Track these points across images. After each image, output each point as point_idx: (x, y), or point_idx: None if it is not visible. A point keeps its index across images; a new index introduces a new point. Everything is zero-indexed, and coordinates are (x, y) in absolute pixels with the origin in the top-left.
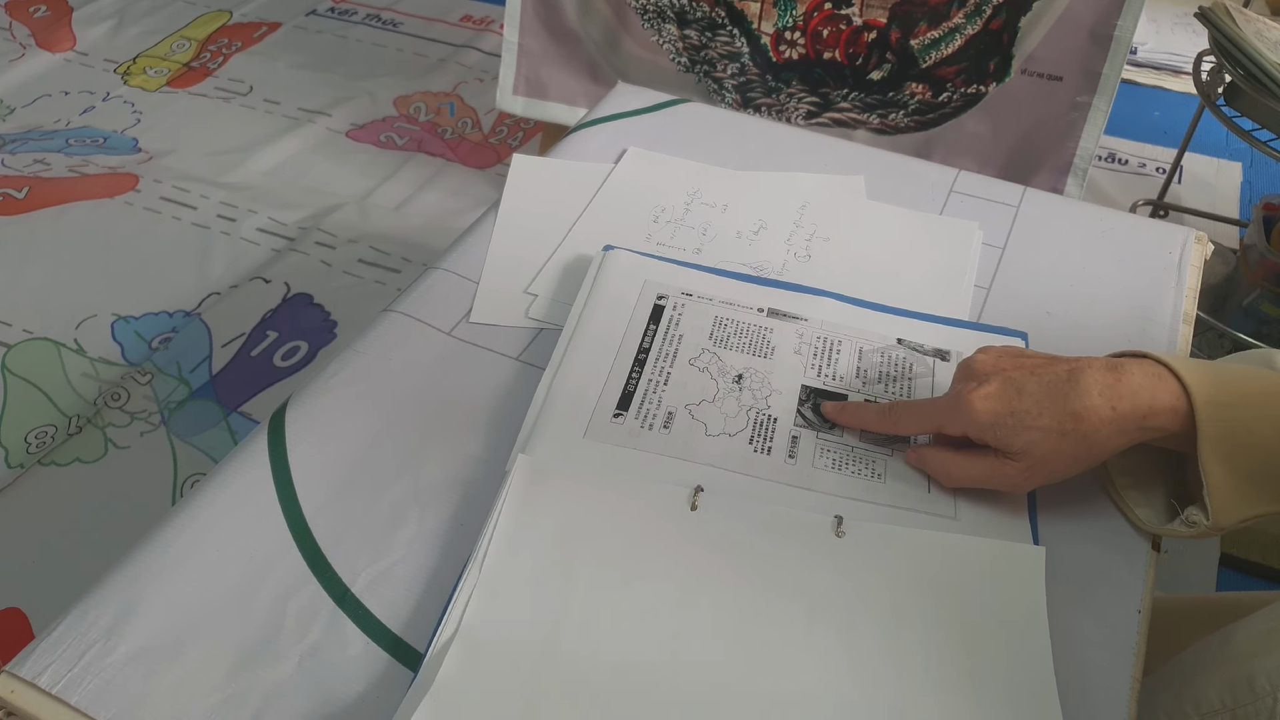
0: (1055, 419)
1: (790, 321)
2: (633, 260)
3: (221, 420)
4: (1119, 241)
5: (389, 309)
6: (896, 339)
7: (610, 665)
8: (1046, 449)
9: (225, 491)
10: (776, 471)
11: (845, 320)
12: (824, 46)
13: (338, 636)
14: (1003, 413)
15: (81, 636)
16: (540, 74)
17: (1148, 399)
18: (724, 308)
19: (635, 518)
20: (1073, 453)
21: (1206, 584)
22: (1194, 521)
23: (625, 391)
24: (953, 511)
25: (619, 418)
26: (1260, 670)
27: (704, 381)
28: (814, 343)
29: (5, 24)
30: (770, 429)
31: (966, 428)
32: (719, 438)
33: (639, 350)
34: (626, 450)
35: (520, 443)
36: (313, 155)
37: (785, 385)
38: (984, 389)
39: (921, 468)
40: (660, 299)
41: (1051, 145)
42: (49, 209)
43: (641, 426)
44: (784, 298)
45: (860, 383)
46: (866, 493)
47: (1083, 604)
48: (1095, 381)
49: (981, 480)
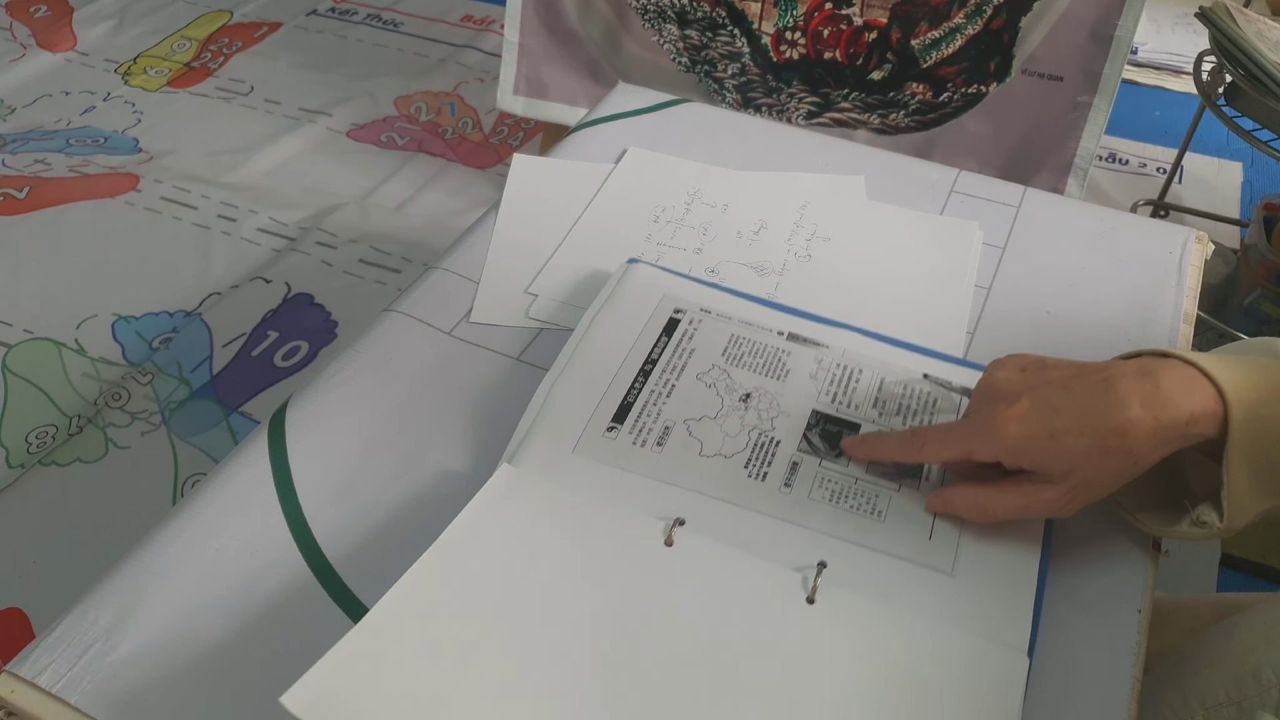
0: (1097, 436)
1: (810, 347)
2: (654, 275)
3: (222, 420)
4: (1119, 241)
5: (389, 309)
6: (923, 374)
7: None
8: (1089, 470)
9: (225, 491)
10: (768, 501)
11: (868, 351)
12: (825, 46)
13: (338, 636)
14: (1040, 435)
15: (81, 636)
16: (541, 74)
17: (1188, 406)
18: (742, 326)
19: (602, 542)
20: (1116, 469)
21: (1207, 584)
22: (1205, 522)
23: (624, 403)
24: (950, 565)
25: (613, 431)
26: (1265, 662)
27: (709, 397)
28: (833, 369)
29: (6, 24)
30: (770, 452)
31: (1000, 453)
32: (714, 458)
33: (646, 360)
34: (614, 470)
35: (509, 452)
36: (313, 155)
37: (795, 408)
38: (1015, 409)
39: (948, 511)
40: (677, 312)
41: (1052, 145)
42: (50, 209)
43: (634, 442)
44: (807, 326)
45: (877, 413)
46: (861, 533)
47: (1083, 604)
48: (1133, 391)
49: (1019, 511)
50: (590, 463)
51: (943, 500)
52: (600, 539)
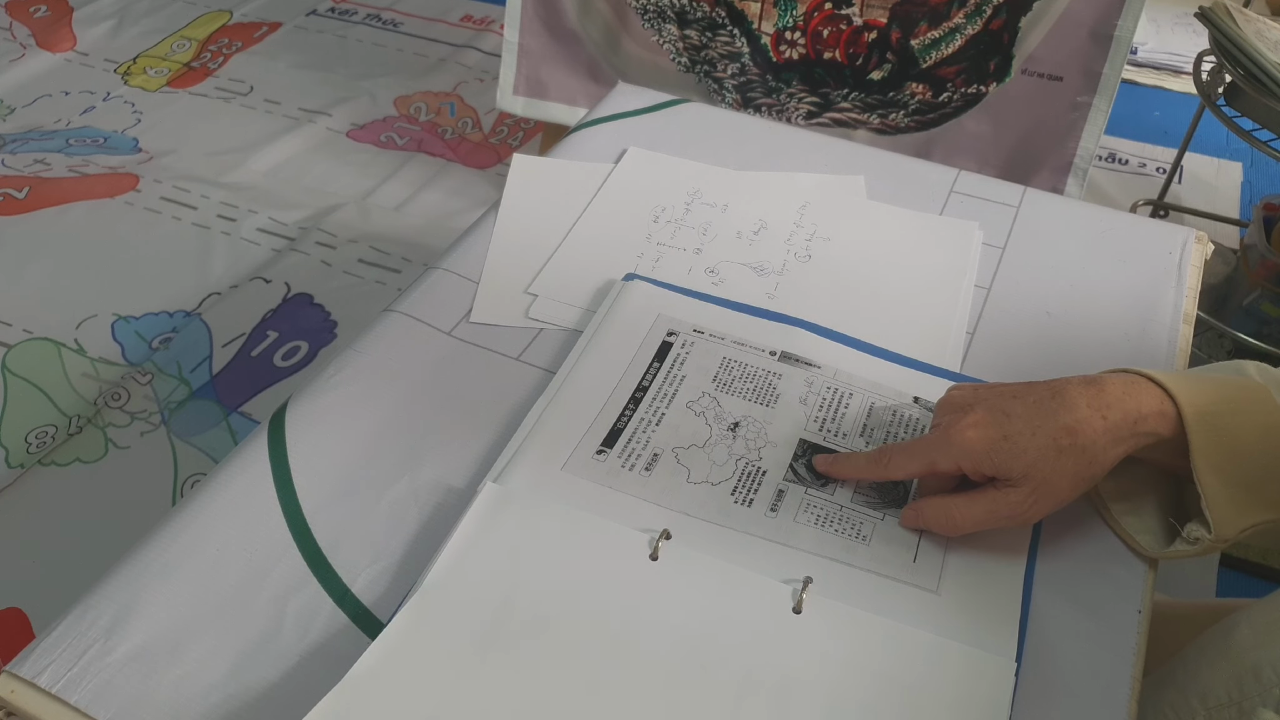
0: (1050, 435)
1: (802, 368)
2: (650, 293)
3: (222, 420)
4: (1119, 241)
5: (389, 309)
6: (913, 397)
7: (529, 705)
8: (1046, 469)
9: (225, 491)
10: (754, 524)
11: (860, 371)
12: (824, 46)
13: (338, 636)
14: (995, 438)
15: (81, 636)
16: (540, 74)
17: (1134, 404)
18: (734, 349)
19: (591, 560)
20: (1074, 469)
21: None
22: (1196, 538)
23: (614, 429)
24: (935, 584)
25: (602, 454)
26: (1265, 661)
27: (698, 426)
28: (823, 392)
29: (5, 24)
30: (757, 481)
31: (961, 460)
32: (701, 485)
33: (637, 388)
34: (601, 488)
35: (497, 468)
36: (313, 155)
37: (782, 437)
38: (970, 417)
39: (921, 525)
40: (670, 335)
41: (1052, 145)
42: (49, 209)
43: (622, 466)
44: (801, 339)
45: (864, 441)
46: (846, 553)
47: (1083, 604)
48: (1079, 394)
49: (986, 517)
50: (578, 480)
51: (915, 513)
52: (587, 554)
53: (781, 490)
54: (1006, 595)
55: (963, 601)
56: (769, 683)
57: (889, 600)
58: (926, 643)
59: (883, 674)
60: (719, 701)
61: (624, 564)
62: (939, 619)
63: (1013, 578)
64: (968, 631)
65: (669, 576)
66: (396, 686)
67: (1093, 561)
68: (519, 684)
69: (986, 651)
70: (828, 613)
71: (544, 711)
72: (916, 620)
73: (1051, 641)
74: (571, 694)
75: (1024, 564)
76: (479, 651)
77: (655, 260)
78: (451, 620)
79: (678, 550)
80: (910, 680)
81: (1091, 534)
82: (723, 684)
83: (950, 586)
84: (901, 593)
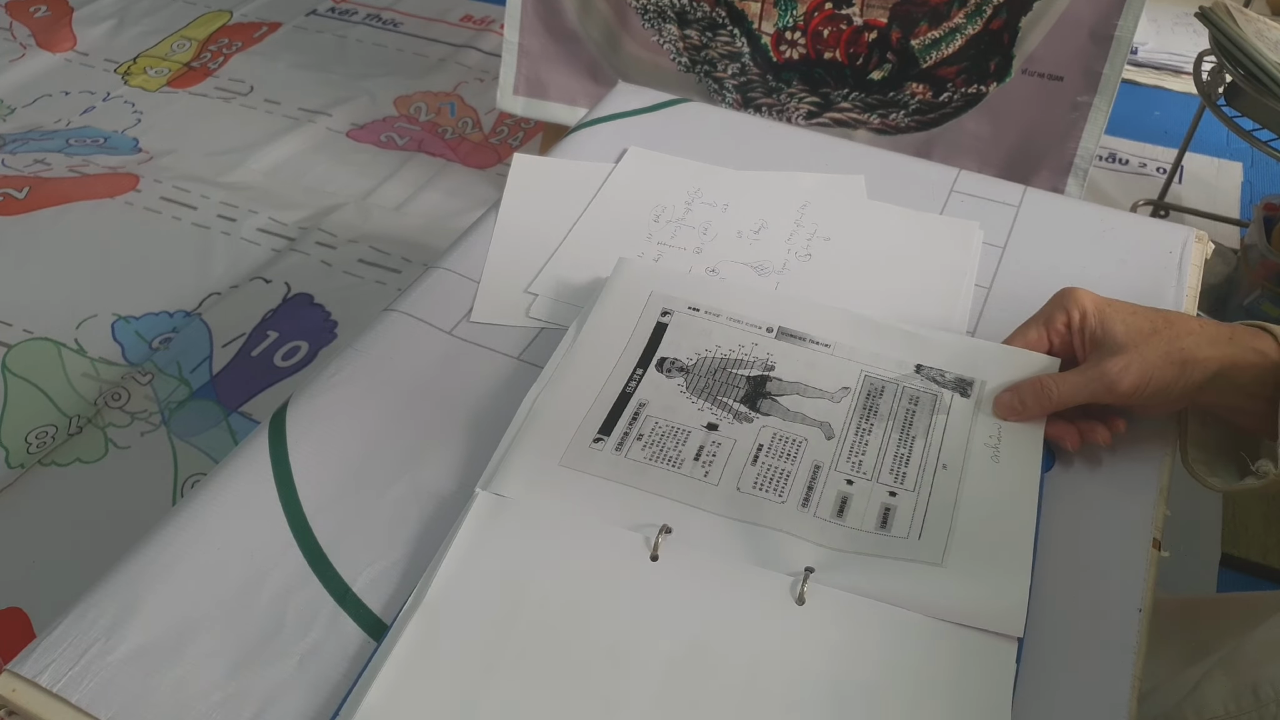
0: (1149, 317)
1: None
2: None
3: (222, 420)
4: (1119, 241)
5: (389, 309)
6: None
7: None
8: (1143, 346)
9: (226, 491)
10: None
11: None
12: (824, 46)
13: (339, 636)
14: (1100, 301)
15: (82, 636)
16: (540, 74)
17: (1228, 325)
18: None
19: (592, 568)
20: (1165, 351)
21: (1207, 584)
22: (1265, 472)
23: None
24: (940, 557)
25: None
26: (1265, 678)
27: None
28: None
29: (5, 24)
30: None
31: (1072, 307)
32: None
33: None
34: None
35: (494, 463)
36: (313, 155)
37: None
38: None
39: (1017, 404)
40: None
41: (1052, 145)
42: (49, 209)
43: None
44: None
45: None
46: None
47: (1083, 603)
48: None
49: (1083, 386)
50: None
51: (1012, 393)
52: (586, 558)
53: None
54: (1015, 562)
55: (968, 572)
56: (776, 677)
57: (892, 579)
58: (929, 628)
59: (886, 661)
60: (727, 700)
61: (624, 568)
62: (944, 592)
63: (1022, 541)
64: (973, 603)
65: (670, 578)
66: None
67: (1093, 560)
68: (529, 703)
69: (993, 626)
70: (830, 604)
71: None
72: (921, 597)
73: (1052, 639)
74: (582, 707)
75: (1032, 529)
76: (486, 671)
77: (656, 259)
78: (455, 641)
79: (678, 549)
80: (913, 666)
81: (1092, 533)
82: (730, 682)
83: (955, 559)
84: (906, 570)
